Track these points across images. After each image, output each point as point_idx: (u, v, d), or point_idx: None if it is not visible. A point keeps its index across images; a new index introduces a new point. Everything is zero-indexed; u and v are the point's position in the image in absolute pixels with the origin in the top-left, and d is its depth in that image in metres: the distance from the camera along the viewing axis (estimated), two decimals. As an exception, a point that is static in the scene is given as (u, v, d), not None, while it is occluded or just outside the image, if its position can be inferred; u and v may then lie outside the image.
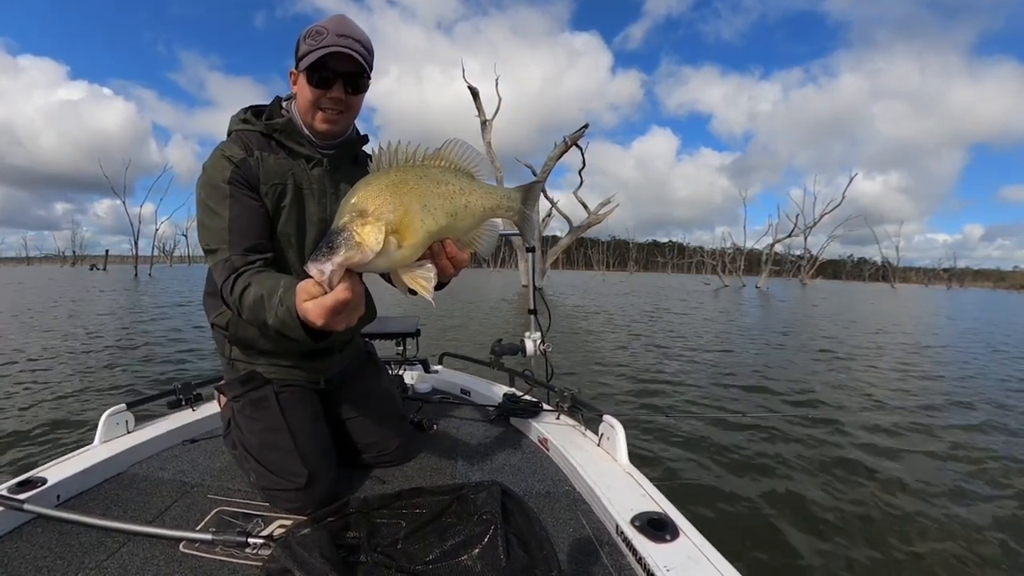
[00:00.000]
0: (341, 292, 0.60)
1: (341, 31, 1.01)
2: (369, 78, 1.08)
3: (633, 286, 31.17)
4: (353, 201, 0.59)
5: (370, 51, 1.05)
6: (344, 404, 1.26)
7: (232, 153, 1.04)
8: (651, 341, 7.29)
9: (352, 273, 0.60)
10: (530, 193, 0.72)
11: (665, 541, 0.85)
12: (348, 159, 1.18)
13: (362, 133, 1.21)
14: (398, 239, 0.59)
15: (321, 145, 1.12)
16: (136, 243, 36.92)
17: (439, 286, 0.74)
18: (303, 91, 1.06)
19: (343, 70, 1.03)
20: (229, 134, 1.12)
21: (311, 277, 0.60)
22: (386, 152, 0.62)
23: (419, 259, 0.63)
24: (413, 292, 0.64)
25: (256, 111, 1.13)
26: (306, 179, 1.10)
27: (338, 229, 0.58)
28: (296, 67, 1.06)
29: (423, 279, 0.63)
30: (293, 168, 1.09)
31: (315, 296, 0.63)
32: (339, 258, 0.58)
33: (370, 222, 0.58)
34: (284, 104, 1.14)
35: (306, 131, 1.11)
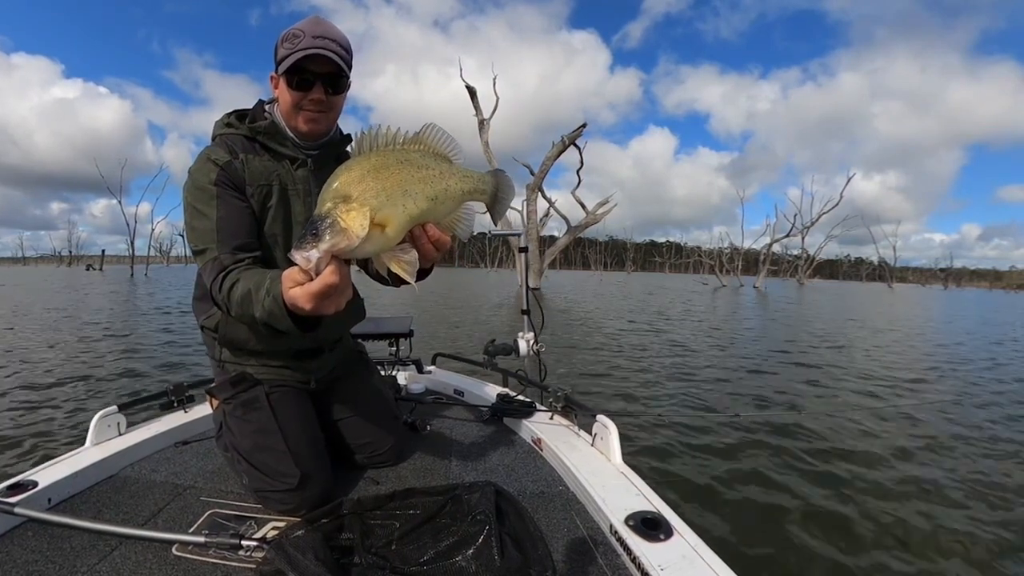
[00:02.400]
0: (328, 276, 0.60)
1: (317, 32, 1.01)
2: (348, 77, 1.08)
3: (631, 286, 31.21)
4: (335, 186, 0.59)
5: (348, 50, 1.06)
6: (336, 404, 1.26)
7: (217, 156, 1.05)
8: (645, 341, 7.30)
9: (337, 258, 0.60)
10: (500, 177, 0.73)
11: (659, 540, 0.85)
12: (332, 159, 1.18)
13: (345, 133, 1.22)
14: (381, 224, 0.59)
15: (305, 146, 1.13)
16: (132, 243, 36.93)
17: (423, 272, 0.75)
18: (284, 95, 1.07)
19: (322, 71, 1.04)
20: (213, 139, 1.13)
21: (297, 265, 0.60)
22: (367, 136, 0.62)
23: (400, 243, 0.64)
24: (397, 282, 0.64)
25: (239, 115, 1.14)
26: (291, 180, 1.12)
27: (322, 215, 0.58)
28: (276, 71, 1.06)
29: (406, 263, 0.63)
30: (278, 169, 1.11)
31: (301, 283, 0.63)
32: (325, 244, 0.57)
33: (354, 207, 0.58)
34: (267, 107, 1.15)
35: (289, 133, 1.12)
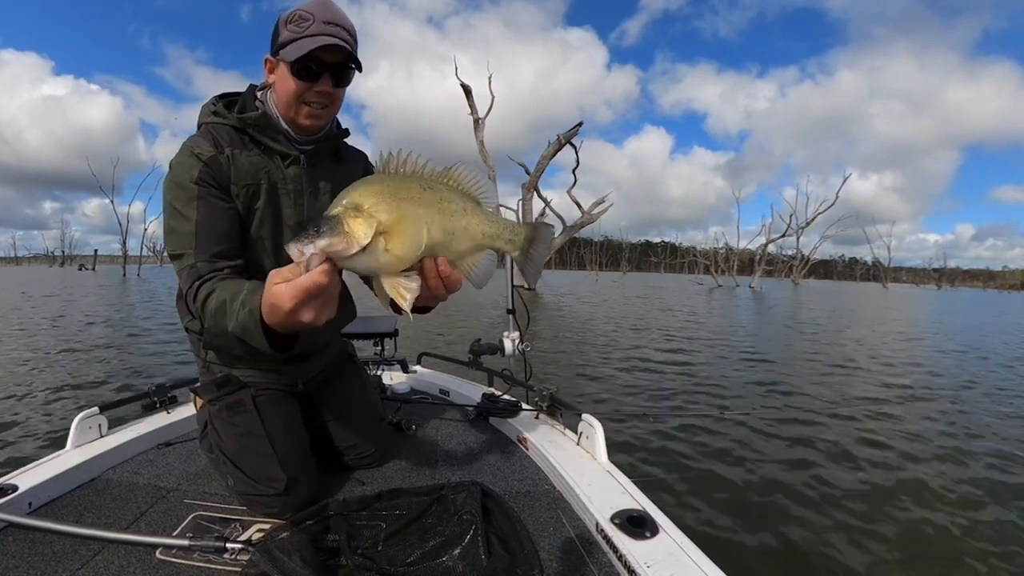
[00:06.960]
0: (317, 275, 0.56)
1: (328, 17, 0.93)
2: (354, 69, 1.00)
3: (626, 287, 31.23)
4: (351, 195, 0.58)
5: (356, 39, 0.99)
6: (323, 406, 1.23)
7: (201, 150, 0.97)
8: (635, 341, 7.31)
9: (331, 261, 0.57)
10: (538, 232, 0.68)
11: (645, 538, 0.86)
12: (327, 155, 1.12)
13: (343, 127, 1.15)
14: (387, 242, 0.57)
15: (299, 141, 1.05)
16: (124, 243, 36.61)
17: (424, 309, 0.71)
18: (285, 83, 0.97)
19: (332, 61, 0.96)
20: (199, 127, 1.04)
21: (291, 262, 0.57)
22: (395, 158, 0.61)
23: (406, 271, 0.61)
24: (396, 310, 0.62)
25: (228, 102, 1.05)
26: (281, 178, 1.04)
27: (328, 216, 0.56)
28: (274, 54, 0.97)
29: (405, 288, 0.60)
30: (268, 166, 1.02)
31: (288, 279, 0.58)
32: (323, 242, 0.55)
33: (363, 216, 0.56)
34: (259, 94, 1.05)
35: (283, 125, 1.03)
